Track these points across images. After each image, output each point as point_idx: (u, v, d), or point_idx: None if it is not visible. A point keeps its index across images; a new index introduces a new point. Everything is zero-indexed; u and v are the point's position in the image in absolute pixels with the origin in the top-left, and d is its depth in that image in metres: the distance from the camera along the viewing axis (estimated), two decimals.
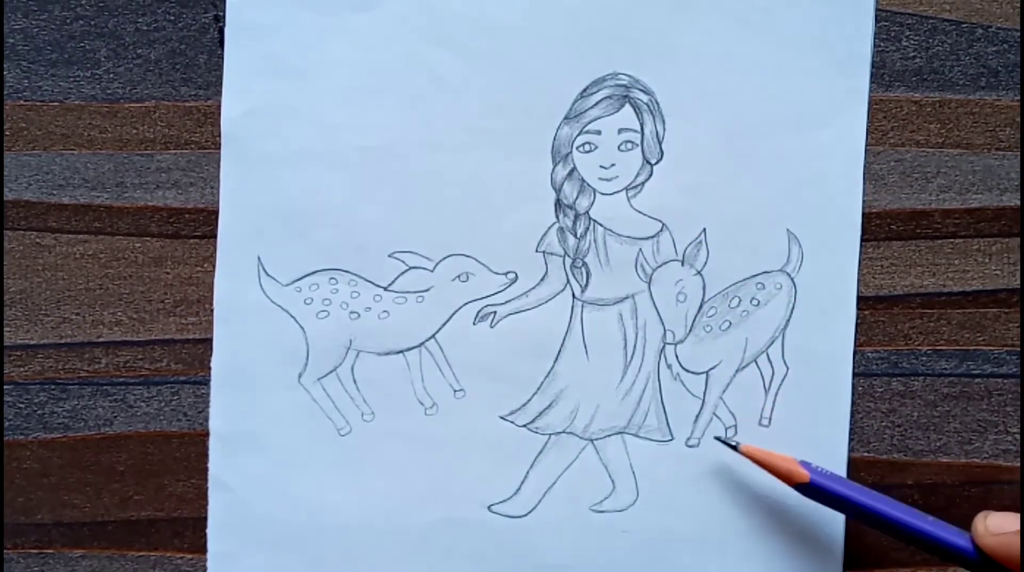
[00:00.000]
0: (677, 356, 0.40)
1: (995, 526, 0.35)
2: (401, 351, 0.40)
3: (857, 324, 0.40)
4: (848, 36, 0.40)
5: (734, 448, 0.38)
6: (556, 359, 0.40)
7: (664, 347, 0.40)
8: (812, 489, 0.37)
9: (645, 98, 0.39)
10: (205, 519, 0.40)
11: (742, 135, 0.39)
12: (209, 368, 0.40)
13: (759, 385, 0.40)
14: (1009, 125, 0.40)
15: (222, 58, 0.39)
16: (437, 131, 0.39)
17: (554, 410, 0.40)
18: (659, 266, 0.40)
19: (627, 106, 0.39)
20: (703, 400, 0.40)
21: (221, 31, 0.39)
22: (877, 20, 0.40)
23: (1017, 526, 0.35)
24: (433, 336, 0.40)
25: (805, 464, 0.38)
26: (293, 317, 0.39)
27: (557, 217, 0.39)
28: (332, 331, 0.39)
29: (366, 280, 0.39)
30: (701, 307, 0.40)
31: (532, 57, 0.39)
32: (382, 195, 0.39)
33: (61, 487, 0.40)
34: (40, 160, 0.40)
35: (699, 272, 0.40)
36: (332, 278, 0.39)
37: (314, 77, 0.39)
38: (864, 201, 0.40)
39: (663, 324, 0.40)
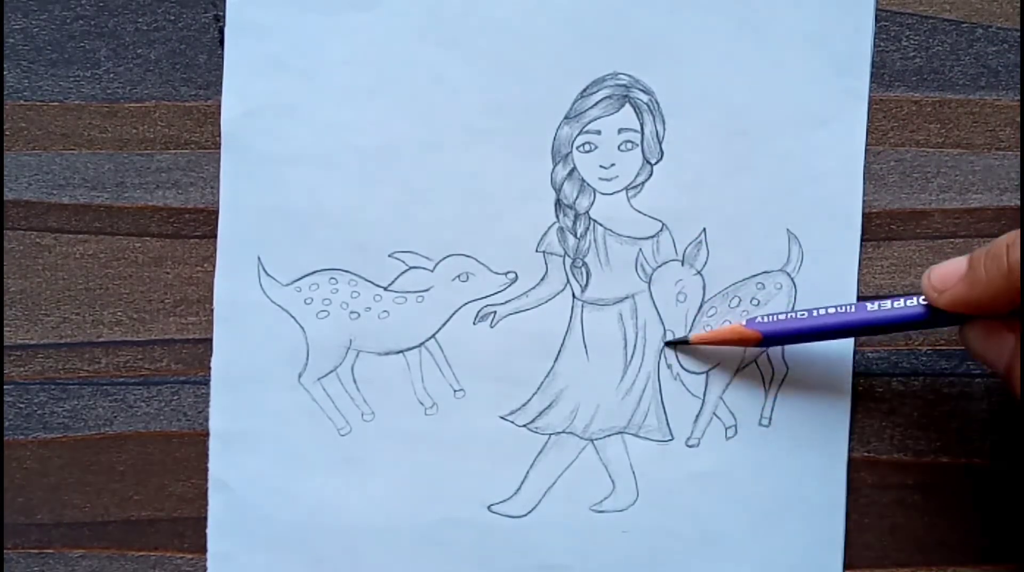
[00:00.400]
0: (677, 356, 0.40)
1: (939, 281, 0.35)
2: (401, 351, 0.40)
3: None
4: (848, 36, 0.40)
5: (685, 343, 0.39)
6: (556, 359, 0.40)
7: (664, 347, 0.40)
8: (769, 340, 0.38)
9: (645, 98, 0.39)
10: (205, 519, 0.40)
11: (742, 135, 0.39)
12: (209, 368, 0.40)
13: (759, 385, 0.40)
14: (1009, 125, 0.40)
15: (222, 58, 0.39)
16: (437, 131, 0.39)
17: (554, 410, 0.40)
18: (659, 266, 0.40)
19: (627, 106, 0.39)
20: (703, 400, 0.40)
21: (221, 31, 0.39)
22: (877, 20, 0.40)
23: (960, 268, 0.35)
24: (433, 336, 0.40)
25: (751, 322, 0.38)
26: (293, 317, 0.39)
27: (557, 217, 0.39)
28: (332, 331, 0.39)
29: (366, 280, 0.39)
30: (701, 307, 0.40)
31: (532, 57, 0.39)
32: (382, 195, 0.39)
33: (61, 487, 0.40)
34: (40, 160, 0.40)
35: (699, 272, 0.40)
36: (332, 278, 0.39)
37: (314, 77, 0.39)
38: (864, 201, 0.40)
39: (663, 324, 0.40)
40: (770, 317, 0.38)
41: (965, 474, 0.40)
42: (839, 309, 0.37)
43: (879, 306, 0.37)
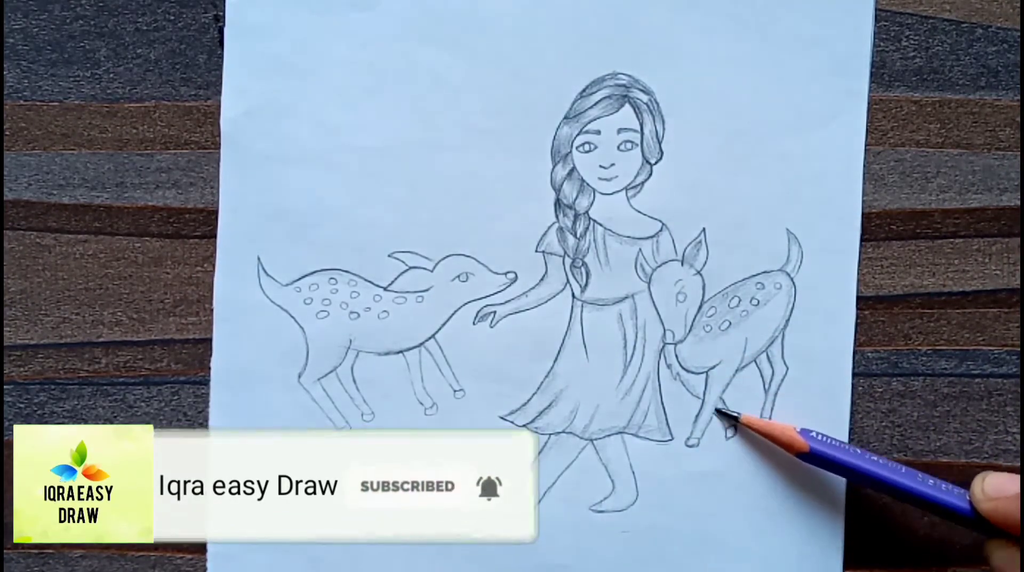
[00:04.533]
0: (677, 356, 0.40)
1: (992, 489, 0.36)
2: (401, 351, 0.40)
3: (857, 324, 0.40)
4: (848, 36, 0.40)
5: (735, 419, 0.39)
6: (556, 359, 0.40)
7: (664, 347, 0.40)
8: (813, 457, 0.38)
9: (645, 98, 0.39)
10: None
11: (742, 135, 0.39)
12: (209, 368, 0.40)
13: (759, 385, 0.40)
14: (1009, 125, 0.40)
15: (222, 58, 0.39)
16: (437, 131, 0.39)
17: (554, 410, 0.40)
18: (659, 266, 0.40)
19: (627, 106, 0.39)
20: (703, 400, 0.40)
21: (221, 31, 0.39)
22: (877, 20, 0.40)
23: (1015, 488, 0.35)
24: (433, 336, 0.40)
25: (805, 432, 0.38)
26: (293, 317, 0.39)
27: (557, 217, 0.39)
28: (332, 331, 0.39)
29: (366, 280, 0.39)
30: (701, 307, 0.40)
31: (532, 57, 0.39)
32: (382, 195, 0.39)
33: None
34: (40, 160, 0.40)
35: (699, 272, 0.40)
36: (332, 278, 0.39)
37: (314, 77, 0.39)
38: (864, 201, 0.40)
39: (663, 324, 0.40)
40: (825, 438, 0.38)
41: (965, 474, 0.40)
42: (891, 466, 0.37)
43: (930, 484, 0.37)
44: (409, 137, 0.39)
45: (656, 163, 0.39)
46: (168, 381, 0.40)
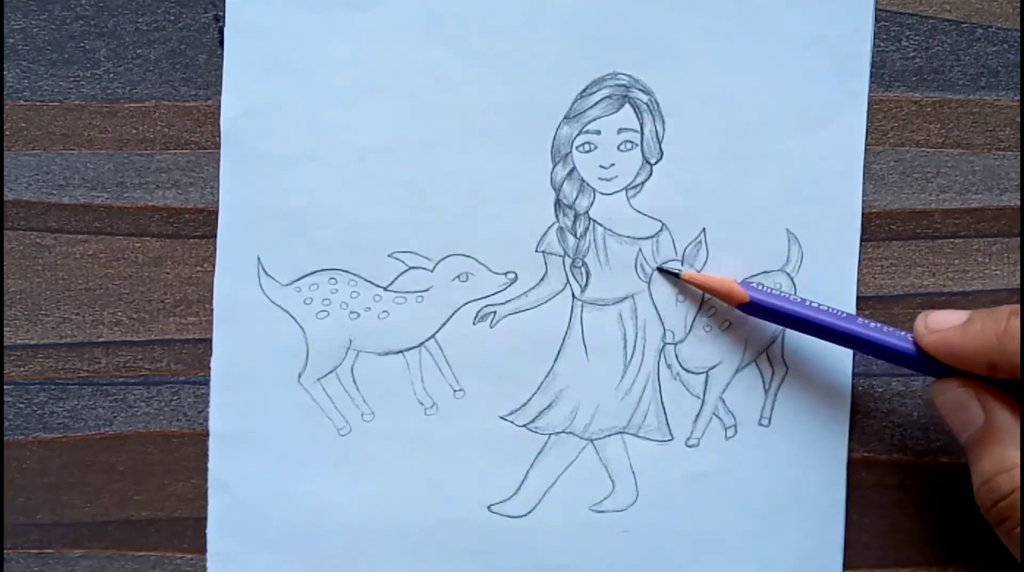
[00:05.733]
0: (677, 356, 0.40)
1: (934, 322, 0.35)
2: (401, 351, 0.40)
3: None
4: (848, 36, 0.40)
5: (676, 275, 0.39)
6: (556, 359, 0.40)
7: (664, 347, 0.40)
8: (753, 307, 0.38)
9: (645, 98, 0.39)
10: (205, 519, 0.40)
11: (742, 135, 0.39)
12: (209, 368, 0.40)
13: (759, 385, 0.40)
14: (1009, 125, 0.40)
15: (222, 58, 0.39)
16: (437, 131, 0.39)
17: (554, 410, 0.40)
18: (659, 266, 0.40)
19: (627, 106, 0.39)
20: (703, 400, 0.40)
21: (221, 31, 0.39)
22: (877, 20, 0.40)
23: (959, 320, 0.35)
24: (433, 336, 0.40)
25: (746, 284, 0.38)
26: (293, 317, 0.39)
27: (557, 217, 0.39)
28: (332, 331, 0.39)
29: (366, 280, 0.39)
30: (701, 307, 0.40)
31: (532, 57, 0.39)
32: (382, 195, 0.39)
33: (61, 487, 0.40)
34: (40, 160, 0.40)
35: (699, 272, 0.40)
36: (332, 278, 0.39)
37: (314, 77, 0.39)
38: (864, 201, 0.40)
39: (663, 324, 0.40)
40: (767, 288, 0.38)
41: (965, 474, 0.40)
42: (833, 311, 0.37)
43: (871, 325, 0.37)
44: (409, 137, 0.39)
45: (656, 163, 0.39)
46: (168, 381, 0.40)
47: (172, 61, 0.39)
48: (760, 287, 0.38)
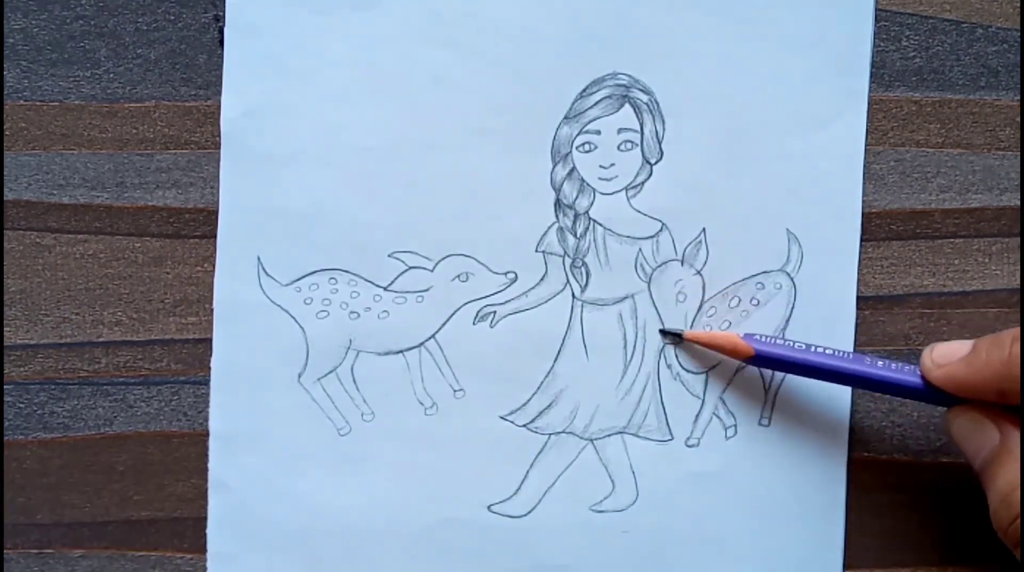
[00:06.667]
0: (677, 356, 0.40)
1: (940, 357, 0.35)
2: (401, 351, 0.40)
3: (857, 324, 0.40)
4: (848, 36, 0.40)
5: (679, 336, 0.39)
6: (556, 359, 0.40)
7: (664, 347, 0.40)
8: (760, 359, 0.38)
9: (645, 98, 0.39)
10: (205, 519, 0.40)
11: (742, 135, 0.39)
12: (209, 368, 0.40)
13: (759, 385, 0.40)
14: (1009, 125, 0.40)
15: (222, 58, 0.39)
16: (437, 131, 0.39)
17: (554, 410, 0.40)
18: (659, 266, 0.40)
19: (627, 106, 0.39)
20: (703, 400, 0.40)
21: (221, 31, 0.39)
22: (877, 20, 0.40)
23: (963, 351, 0.35)
24: (433, 336, 0.40)
25: (748, 337, 0.38)
26: (293, 317, 0.39)
27: (557, 217, 0.39)
28: (332, 331, 0.39)
29: (366, 280, 0.39)
30: (701, 307, 0.40)
31: (532, 57, 0.39)
32: (382, 195, 0.39)
33: (61, 487, 0.40)
34: (40, 160, 0.40)
35: (699, 272, 0.40)
36: (332, 278, 0.39)
37: (314, 77, 0.39)
38: (864, 201, 0.40)
39: (663, 324, 0.40)
40: (769, 338, 0.38)
41: (965, 474, 0.40)
42: (838, 354, 0.37)
43: (879, 365, 0.37)
44: (409, 137, 0.39)
45: (656, 163, 0.39)
46: (168, 381, 0.40)
47: (172, 61, 0.39)
48: (762, 338, 0.38)
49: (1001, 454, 0.34)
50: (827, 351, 0.37)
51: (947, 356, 0.35)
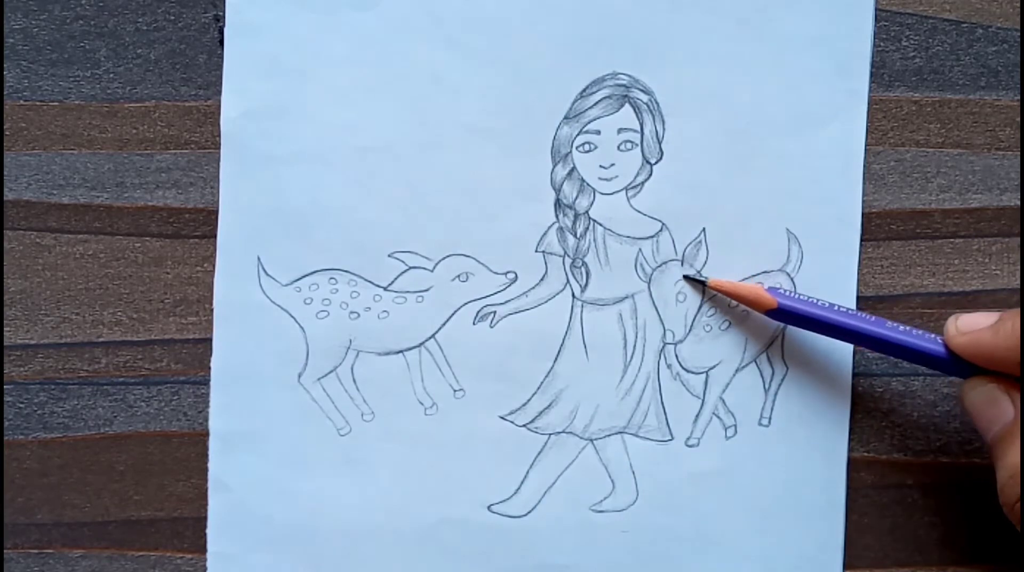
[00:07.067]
0: (677, 356, 0.40)
1: (965, 324, 0.35)
2: (401, 351, 0.40)
3: None
4: (848, 36, 0.40)
5: (703, 283, 0.39)
6: (556, 359, 0.40)
7: (664, 347, 0.40)
8: (782, 313, 0.38)
9: (645, 98, 0.39)
10: (205, 519, 0.40)
11: (742, 135, 0.39)
12: (209, 368, 0.40)
13: (759, 385, 0.40)
14: (1009, 125, 0.40)
15: (222, 58, 0.39)
16: (437, 131, 0.39)
17: (554, 410, 0.40)
18: (659, 266, 0.40)
19: (627, 106, 0.39)
20: (703, 400, 0.40)
21: (221, 31, 0.39)
22: (877, 20, 0.40)
23: (988, 321, 0.35)
24: (433, 336, 0.40)
25: (772, 290, 0.38)
26: (293, 317, 0.39)
27: (557, 217, 0.39)
28: (332, 331, 0.39)
29: (366, 280, 0.39)
30: (701, 307, 0.40)
31: (532, 57, 0.39)
32: (382, 195, 0.39)
33: (61, 487, 0.40)
34: (40, 160, 0.40)
35: (699, 272, 0.40)
36: (332, 278, 0.39)
37: (313, 77, 0.39)
38: (864, 201, 0.40)
39: (663, 324, 0.40)
40: (791, 293, 0.38)
41: (965, 474, 0.40)
42: (860, 315, 0.37)
43: (900, 329, 0.37)
44: (409, 137, 0.39)
45: (656, 163, 0.39)
46: (168, 381, 0.40)
47: (172, 61, 0.39)
48: (786, 292, 0.38)
49: (1014, 430, 0.34)
50: (850, 311, 0.37)
51: (972, 325, 0.35)
